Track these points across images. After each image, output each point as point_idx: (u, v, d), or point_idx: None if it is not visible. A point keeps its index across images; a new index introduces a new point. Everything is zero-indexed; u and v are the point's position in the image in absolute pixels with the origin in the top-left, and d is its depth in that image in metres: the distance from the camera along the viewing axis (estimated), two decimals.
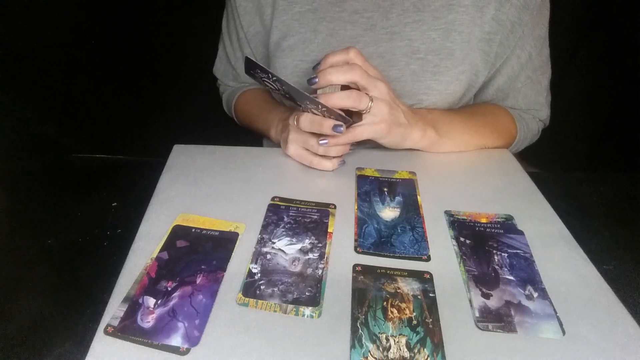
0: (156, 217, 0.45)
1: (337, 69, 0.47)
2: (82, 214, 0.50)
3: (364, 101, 0.47)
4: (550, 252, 0.41)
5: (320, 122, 0.48)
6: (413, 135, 0.53)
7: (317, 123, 0.49)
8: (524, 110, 0.65)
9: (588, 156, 1.20)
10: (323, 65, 0.48)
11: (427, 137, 0.55)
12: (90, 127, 1.23)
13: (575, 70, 0.66)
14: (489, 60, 0.59)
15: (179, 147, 0.57)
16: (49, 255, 0.45)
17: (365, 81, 0.48)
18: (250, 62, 0.46)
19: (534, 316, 0.35)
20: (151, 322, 0.34)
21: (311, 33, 0.59)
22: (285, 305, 0.36)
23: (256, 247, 0.41)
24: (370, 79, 0.48)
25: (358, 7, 0.58)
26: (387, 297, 0.36)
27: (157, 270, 0.39)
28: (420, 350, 0.32)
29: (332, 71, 0.47)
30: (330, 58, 0.48)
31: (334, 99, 0.46)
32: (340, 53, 0.48)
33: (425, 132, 0.54)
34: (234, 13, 0.66)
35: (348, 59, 0.48)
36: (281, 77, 0.45)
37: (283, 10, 0.60)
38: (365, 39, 0.58)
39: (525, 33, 0.57)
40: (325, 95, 0.47)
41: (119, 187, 0.55)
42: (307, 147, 0.52)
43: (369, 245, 0.42)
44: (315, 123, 0.49)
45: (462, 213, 0.46)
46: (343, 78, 0.47)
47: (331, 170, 0.53)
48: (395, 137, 0.52)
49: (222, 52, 0.74)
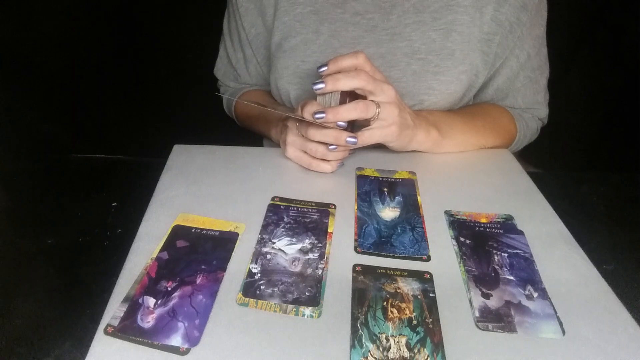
0: (156, 217, 0.45)
1: (345, 75, 0.46)
2: (82, 214, 0.50)
3: (371, 110, 0.47)
4: (550, 252, 0.41)
5: (334, 135, 0.48)
6: (418, 137, 0.53)
7: (331, 136, 0.48)
8: (523, 110, 0.65)
9: (588, 156, 1.20)
10: (331, 68, 0.47)
11: (430, 138, 0.55)
12: (90, 127, 1.23)
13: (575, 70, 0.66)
14: (488, 60, 0.59)
15: (179, 147, 0.57)
16: (49, 255, 0.45)
17: (372, 86, 0.47)
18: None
19: (534, 316, 0.35)
20: (151, 322, 0.34)
21: (313, 34, 0.59)
22: (285, 305, 0.36)
23: (256, 247, 0.41)
24: (377, 84, 0.47)
25: (359, 9, 0.58)
26: (387, 297, 0.36)
27: (157, 270, 0.39)
28: (420, 350, 0.32)
29: (340, 77, 0.46)
30: (340, 62, 0.47)
31: (341, 112, 0.46)
32: (349, 58, 0.47)
33: (429, 133, 0.54)
34: (235, 14, 0.66)
35: (357, 65, 0.47)
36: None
37: (285, 12, 0.60)
38: (366, 40, 0.58)
39: (524, 33, 0.57)
40: (332, 110, 0.46)
41: (119, 187, 0.55)
42: (306, 150, 0.52)
43: (369, 245, 0.42)
44: (328, 135, 0.48)
45: (462, 213, 0.46)
46: (350, 84, 0.46)
47: (330, 172, 0.53)
48: (403, 139, 0.52)
49: (223, 52, 0.74)
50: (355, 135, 0.48)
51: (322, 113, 0.46)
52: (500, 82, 0.62)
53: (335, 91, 0.47)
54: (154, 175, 0.51)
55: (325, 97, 0.48)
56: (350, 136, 0.47)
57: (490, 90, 0.64)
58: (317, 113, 0.46)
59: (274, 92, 0.66)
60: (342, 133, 0.48)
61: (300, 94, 0.62)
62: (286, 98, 0.64)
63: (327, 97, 0.48)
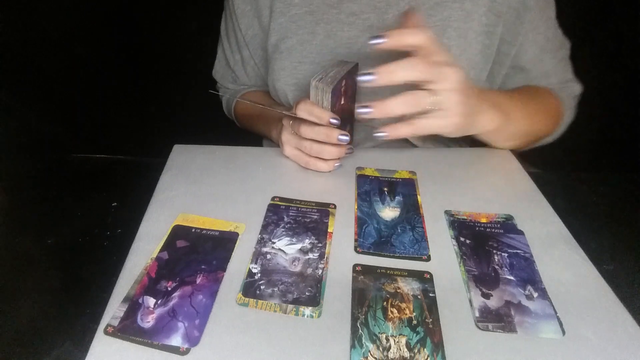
0: (156, 217, 0.45)
1: (399, 66, 0.41)
2: (82, 214, 0.50)
3: (423, 102, 0.42)
4: (550, 252, 0.41)
5: (324, 132, 0.48)
6: (481, 122, 0.49)
7: (322, 133, 0.48)
8: (559, 89, 0.64)
9: (588, 156, 1.20)
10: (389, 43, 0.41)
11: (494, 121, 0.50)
12: (90, 127, 1.23)
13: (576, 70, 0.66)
14: (489, 53, 0.58)
15: (179, 147, 0.57)
16: (49, 255, 0.45)
17: (430, 75, 0.41)
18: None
19: (534, 316, 0.35)
20: (151, 322, 0.34)
21: (309, 35, 0.59)
22: (285, 305, 0.36)
23: (256, 247, 0.41)
24: (437, 70, 0.41)
25: (355, 9, 0.58)
26: (387, 297, 0.36)
27: (157, 270, 0.39)
28: (420, 350, 0.32)
29: (394, 69, 0.41)
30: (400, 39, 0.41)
31: (390, 106, 0.41)
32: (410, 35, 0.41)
33: (493, 117, 0.50)
34: (232, 16, 0.66)
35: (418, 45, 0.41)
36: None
37: (280, 13, 0.60)
38: (362, 40, 0.58)
39: (534, 17, 0.57)
40: (380, 105, 0.42)
41: (119, 187, 0.55)
42: (300, 148, 0.52)
43: (369, 245, 0.42)
44: (320, 133, 0.48)
45: (462, 213, 0.46)
46: (406, 76, 0.41)
47: (328, 172, 0.53)
48: (464, 128, 0.46)
49: (220, 54, 0.74)
50: (347, 134, 0.47)
51: (367, 108, 0.42)
52: (528, 68, 0.61)
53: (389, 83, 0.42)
54: (154, 175, 0.51)
55: (318, 93, 0.47)
56: (341, 134, 0.47)
57: (518, 79, 0.63)
58: (362, 107, 0.42)
59: (272, 93, 0.66)
60: (334, 131, 0.47)
61: (297, 95, 0.62)
62: (284, 99, 0.64)
63: (319, 93, 0.47)
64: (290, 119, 0.52)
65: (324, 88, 0.46)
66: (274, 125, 0.63)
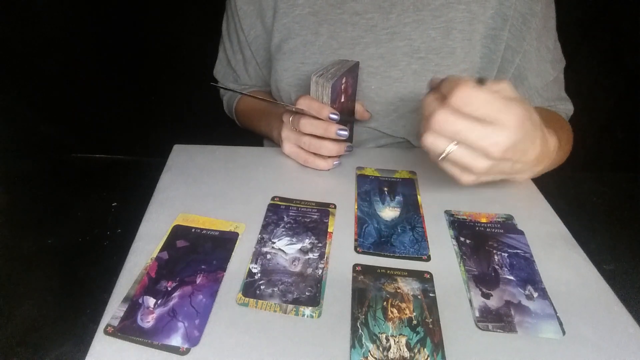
0: (156, 217, 0.45)
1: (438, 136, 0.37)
2: (82, 214, 0.50)
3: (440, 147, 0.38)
4: (550, 252, 0.41)
5: (323, 127, 0.48)
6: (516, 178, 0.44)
7: (321, 127, 0.48)
8: (556, 109, 0.63)
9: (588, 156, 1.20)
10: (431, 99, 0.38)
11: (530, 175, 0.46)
12: (90, 127, 1.23)
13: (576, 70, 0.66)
14: (494, 58, 0.58)
15: (179, 147, 0.57)
16: (49, 255, 0.45)
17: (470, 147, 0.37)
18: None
19: (534, 316, 0.35)
20: (151, 322, 0.34)
21: (312, 35, 0.59)
22: (285, 305, 0.36)
23: (256, 247, 0.41)
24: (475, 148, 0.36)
25: (358, 9, 0.58)
26: (387, 297, 0.36)
27: (157, 270, 0.39)
28: (420, 350, 0.32)
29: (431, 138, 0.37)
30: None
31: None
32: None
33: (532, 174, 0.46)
34: (234, 16, 0.66)
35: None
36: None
37: (284, 13, 0.60)
38: (365, 40, 0.58)
39: (539, 24, 0.56)
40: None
41: (119, 187, 0.55)
42: (300, 145, 0.52)
43: (369, 245, 0.42)
44: (319, 127, 0.48)
45: (462, 213, 0.46)
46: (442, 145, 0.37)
47: (327, 170, 0.53)
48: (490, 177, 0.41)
49: (222, 54, 0.74)
50: (346, 129, 0.47)
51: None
52: (530, 78, 0.60)
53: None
54: (154, 175, 0.51)
55: (318, 89, 0.48)
56: (340, 128, 0.47)
57: (519, 91, 0.59)
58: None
59: (275, 94, 0.66)
60: (332, 125, 0.47)
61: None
62: (287, 100, 0.64)
63: (319, 88, 0.48)
64: (290, 115, 0.52)
65: (324, 83, 0.47)
66: (274, 123, 0.63)
